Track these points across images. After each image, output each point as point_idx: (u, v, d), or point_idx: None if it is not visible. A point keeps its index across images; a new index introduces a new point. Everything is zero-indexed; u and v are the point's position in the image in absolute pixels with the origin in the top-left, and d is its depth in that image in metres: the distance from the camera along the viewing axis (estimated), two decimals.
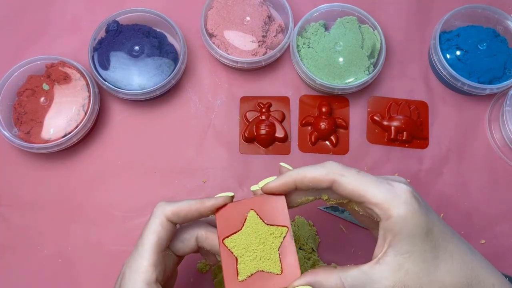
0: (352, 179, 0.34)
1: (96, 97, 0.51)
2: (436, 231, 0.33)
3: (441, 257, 0.33)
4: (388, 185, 0.33)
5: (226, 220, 0.35)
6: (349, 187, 0.33)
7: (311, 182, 0.34)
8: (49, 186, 0.52)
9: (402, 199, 0.32)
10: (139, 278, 0.33)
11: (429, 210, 0.34)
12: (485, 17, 0.55)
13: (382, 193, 0.33)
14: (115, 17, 0.53)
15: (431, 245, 0.33)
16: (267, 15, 0.54)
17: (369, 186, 0.33)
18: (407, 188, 0.33)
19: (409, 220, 0.32)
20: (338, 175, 0.34)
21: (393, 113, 0.54)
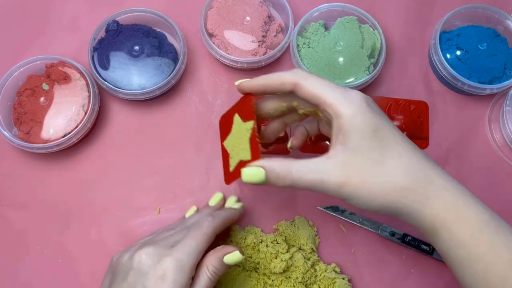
0: (312, 83, 0.37)
1: (96, 97, 0.51)
2: (385, 131, 0.36)
3: (388, 156, 0.35)
4: (343, 89, 0.36)
5: (223, 126, 0.44)
6: (309, 89, 0.36)
7: (277, 83, 0.38)
8: (49, 186, 0.52)
9: (352, 100, 0.36)
10: (185, 276, 0.37)
11: (381, 115, 0.37)
12: (485, 17, 0.55)
13: (336, 94, 0.36)
14: (115, 17, 0.53)
15: (378, 144, 0.35)
16: (267, 15, 0.54)
17: (326, 89, 0.36)
18: (360, 94, 0.36)
19: (358, 118, 0.35)
20: (301, 78, 0.37)
21: (393, 113, 0.54)
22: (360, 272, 0.49)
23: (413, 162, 0.35)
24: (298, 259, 0.46)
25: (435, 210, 0.35)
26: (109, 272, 0.41)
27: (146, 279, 0.36)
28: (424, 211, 0.35)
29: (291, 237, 0.49)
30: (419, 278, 0.49)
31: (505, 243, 0.34)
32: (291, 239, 0.49)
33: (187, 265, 0.37)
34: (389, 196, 0.34)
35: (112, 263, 0.41)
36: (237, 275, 0.46)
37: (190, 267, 0.37)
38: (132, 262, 0.38)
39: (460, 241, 0.34)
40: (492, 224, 0.34)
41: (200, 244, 0.39)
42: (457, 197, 0.35)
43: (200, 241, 0.39)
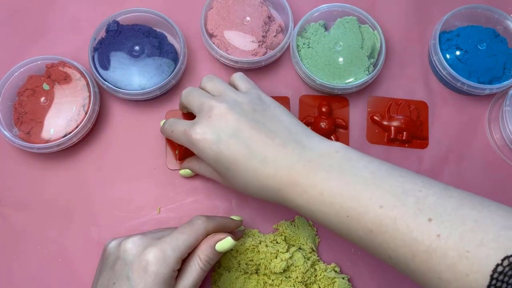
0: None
1: (96, 97, 0.51)
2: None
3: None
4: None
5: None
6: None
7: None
8: (49, 186, 0.52)
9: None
10: (168, 269, 0.37)
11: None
12: (485, 17, 0.55)
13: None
14: (115, 17, 0.53)
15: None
16: (267, 15, 0.54)
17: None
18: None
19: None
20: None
21: (393, 113, 0.54)
22: (360, 272, 0.49)
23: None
24: (298, 258, 0.46)
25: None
26: (100, 260, 0.43)
27: (130, 269, 0.37)
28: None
29: (291, 237, 0.49)
30: None
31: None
32: (291, 238, 0.49)
33: (171, 258, 0.37)
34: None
35: (103, 250, 0.43)
36: (236, 278, 0.46)
37: (174, 259, 0.38)
38: (119, 251, 0.39)
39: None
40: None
41: (188, 240, 0.39)
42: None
43: (188, 237, 0.39)
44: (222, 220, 0.44)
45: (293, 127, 0.41)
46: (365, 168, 0.37)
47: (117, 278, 0.38)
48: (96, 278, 0.41)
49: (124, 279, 0.37)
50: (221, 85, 0.44)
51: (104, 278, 0.39)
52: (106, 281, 0.39)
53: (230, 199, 0.51)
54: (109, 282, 0.38)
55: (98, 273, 0.41)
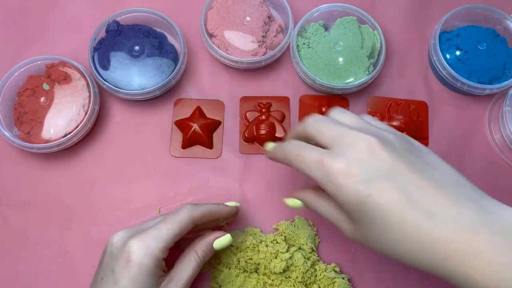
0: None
1: (96, 97, 0.51)
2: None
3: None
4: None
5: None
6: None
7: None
8: (49, 186, 0.52)
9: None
10: (151, 260, 0.37)
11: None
12: (485, 17, 0.55)
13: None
14: (115, 17, 0.53)
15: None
16: (267, 15, 0.54)
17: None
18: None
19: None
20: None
21: (393, 113, 0.54)
22: (360, 272, 0.49)
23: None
24: (298, 258, 0.46)
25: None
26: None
27: (115, 262, 0.37)
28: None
29: (291, 237, 0.49)
30: (419, 278, 0.49)
31: None
32: (291, 238, 0.49)
33: (153, 247, 0.37)
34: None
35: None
36: (236, 276, 0.46)
37: (157, 249, 0.37)
38: (106, 246, 0.39)
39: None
40: None
41: (172, 229, 0.38)
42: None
43: (171, 226, 0.38)
44: (210, 207, 0.42)
45: (460, 179, 0.33)
46: None
47: (104, 272, 0.38)
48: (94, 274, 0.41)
49: (109, 272, 0.37)
50: (358, 119, 0.37)
51: (96, 275, 0.40)
52: (96, 277, 0.39)
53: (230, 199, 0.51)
54: (98, 277, 0.39)
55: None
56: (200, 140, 0.52)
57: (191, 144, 0.53)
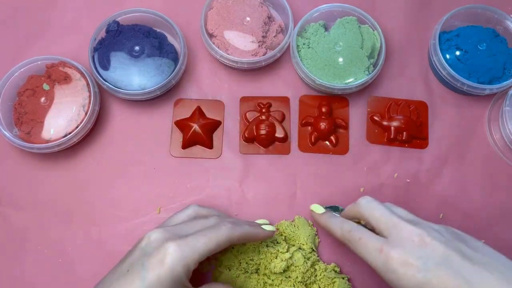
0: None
1: (97, 97, 0.51)
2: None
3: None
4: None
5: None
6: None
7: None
8: (49, 186, 0.52)
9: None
10: (184, 268, 0.37)
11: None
12: (485, 17, 0.55)
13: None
14: (115, 17, 0.53)
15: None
16: (267, 15, 0.54)
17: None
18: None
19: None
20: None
21: (392, 113, 0.54)
22: (360, 272, 0.49)
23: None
24: (298, 258, 0.46)
25: None
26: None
27: (147, 260, 0.37)
28: None
29: (291, 237, 0.49)
30: None
31: None
32: (291, 238, 0.49)
33: (189, 258, 0.37)
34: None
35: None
36: (236, 277, 0.46)
37: (192, 260, 0.37)
38: (141, 241, 0.39)
39: None
40: None
41: (209, 244, 0.38)
42: None
43: (209, 242, 0.38)
44: (249, 229, 0.42)
45: (507, 261, 0.37)
46: None
47: (132, 266, 0.37)
48: (116, 265, 0.40)
49: (138, 267, 0.36)
50: (408, 213, 0.41)
51: (119, 265, 0.39)
52: (119, 267, 0.38)
53: (230, 199, 0.51)
54: (121, 268, 0.38)
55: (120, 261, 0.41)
56: (200, 140, 0.52)
57: (191, 144, 0.53)
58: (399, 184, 0.52)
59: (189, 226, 0.41)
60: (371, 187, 0.52)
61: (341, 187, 0.52)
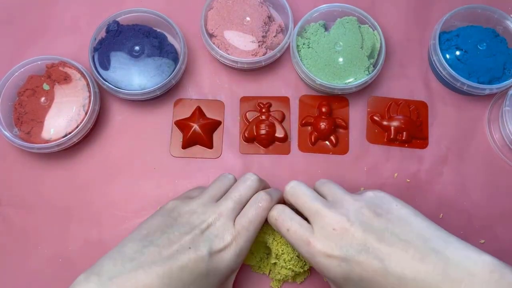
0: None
1: (97, 97, 0.51)
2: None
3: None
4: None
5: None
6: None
7: None
8: (49, 186, 0.52)
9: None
10: (238, 264, 0.41)
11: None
12: (485, 17, 0.55)
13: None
14: (115, 17, 0.53)
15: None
16: (267, 15, 0.54)
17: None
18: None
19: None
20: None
21: (392, 113, 0.54)
22: None
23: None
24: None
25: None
26: (162, 214, 0.41)
27: (210, 246, 0.38)
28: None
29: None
30: None
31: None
32: None
33: (242, 249, 0.40)
34: None
35: (167, 206, 0.42)
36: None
37: (244, 250, 0.40)
38: (196, 221, 0.39)
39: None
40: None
41: (258, 227, 0.41)
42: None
43: (257, 225, 0.41)
44: (279, 197, 0.44)
45: (427, 231, 0.37)
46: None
47: (194, 245, 0.38)
48: (158, 227, 0.39)
49: (201, 250, 0.37)
50: (336, 189, 0.42)
51: (175, 236, 0.38)
52: (178, 239, 0.38)
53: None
54: (183, 243, 0.37)
55: (161, 225, 0.40)
56: (200, 140, 0.53)
57: (191, 144, 0.53)
58: (399, 184, 0.52)
59: (239, 204, 0.42)
60: (371, 187, 0.52)
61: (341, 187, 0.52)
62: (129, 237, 0.39)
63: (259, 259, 0.48)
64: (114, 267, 0.35)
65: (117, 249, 0.37)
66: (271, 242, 0.45)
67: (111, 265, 0.35)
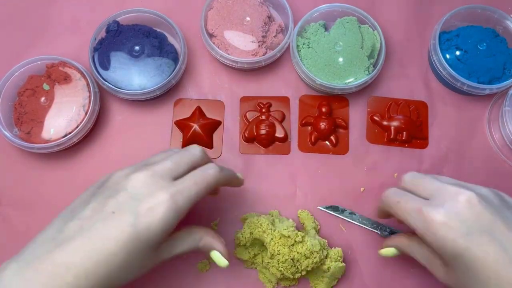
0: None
1: (97, 97, 0.51)
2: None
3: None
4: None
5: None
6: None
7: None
8: (49, 186, 0.52)
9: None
10: (175, 220, 0.35)
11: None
12: (485, 17, 0.55)
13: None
14: (115, 17, 0.53)
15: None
16: (267, 15, 0.54)
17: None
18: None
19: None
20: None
21: (392, 113, 0.54)
22: (359, 272, 0.49)
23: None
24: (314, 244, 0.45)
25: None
26: (93, 186, 0.39)
27: (138, 205, 0.35)
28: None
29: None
30: (418, 278, 0.49)
31: None
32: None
33: (181, 208, 0.35)
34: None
35: (101, 179, 0.40)
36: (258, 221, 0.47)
37: (183, 211, 0.36)
38: (126, 184, 0.36)
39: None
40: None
41: (200, 192, 0.37)
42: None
43: (200, 189, 0.37)
44: (230, 174, 0.42)
45: None
46: None
47: (119, 208, 0.35)
48: (84, 200, 0.37)
49: (127, 212, 0.34)
50: (449, 178, 0.39)
51: (99, 203, 0.36)
52: (101, 206, 0.35)
53: (229, 199, 0.51)
54: (106, 209, 0.35)
55: (88, 196, 0.38)
56: (200, 140, 0.52)
57: (191, 142, 0.53)
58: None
59: (174, 167, 0.38)
60: (371, 187, 0.52)
61: (341, 187, 0.52)
62: (57, 216, 0.37)
63: (253, 255, 0.48)
64: (33, 251, 0.34)
65: (42, 231, 0.36)
66: (268, 241, 0.45)
67: (31, 248, 0.34)
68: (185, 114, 0.54)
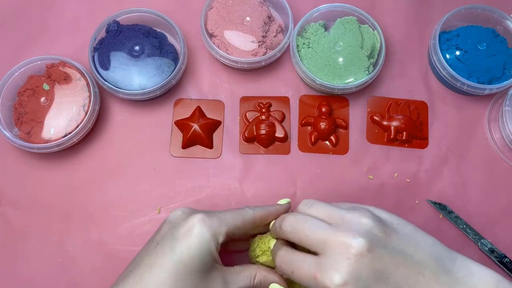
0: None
1: (97, 97, 0.51)
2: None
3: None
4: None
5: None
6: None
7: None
8: (49, 186, 0.52)
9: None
10: (212, 237, 0.37)
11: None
12: (485, 17, 0.55)
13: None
14: (115, 17, 0.53)
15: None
16: (267, 15, 0.54)
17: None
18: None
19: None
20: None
21: (392, 113, 0.54)
22: None
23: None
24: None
25: None
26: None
27: (176, 230, 0.37)
28: None
29: None
30: None
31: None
32: None
33: (216, 227, 0.37)
34: None
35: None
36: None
37: (219, 231, 0.37)
38: (169, 217, 0.40)
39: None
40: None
41: (235, 218, 0.39)
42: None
43: (235, 217, 0.39)
44: (269, 208, 0.43)
45: (435, 249, 0.36)
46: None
47: (162, 239, 0.37)
48: (146, 243, 0.41)
49: (168, 239, 0.37)
50: (331, 209, 0.38)
51: (149, 242, 0.40)
52: (149, 244, 0.39)
53: (230, 199, 0.52)
54: (152, 244, 0.38)
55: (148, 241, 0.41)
56: (200, 140, 0.53)
57: (191, 144, 0.53)
58: (399, 184, 0.52)
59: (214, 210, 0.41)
60: (371, 187, 0.52)
61: (341, 187, 0.52)
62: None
63: (256, 246, 0.46)
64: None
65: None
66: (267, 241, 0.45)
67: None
68: (185, 114, 0.54)
